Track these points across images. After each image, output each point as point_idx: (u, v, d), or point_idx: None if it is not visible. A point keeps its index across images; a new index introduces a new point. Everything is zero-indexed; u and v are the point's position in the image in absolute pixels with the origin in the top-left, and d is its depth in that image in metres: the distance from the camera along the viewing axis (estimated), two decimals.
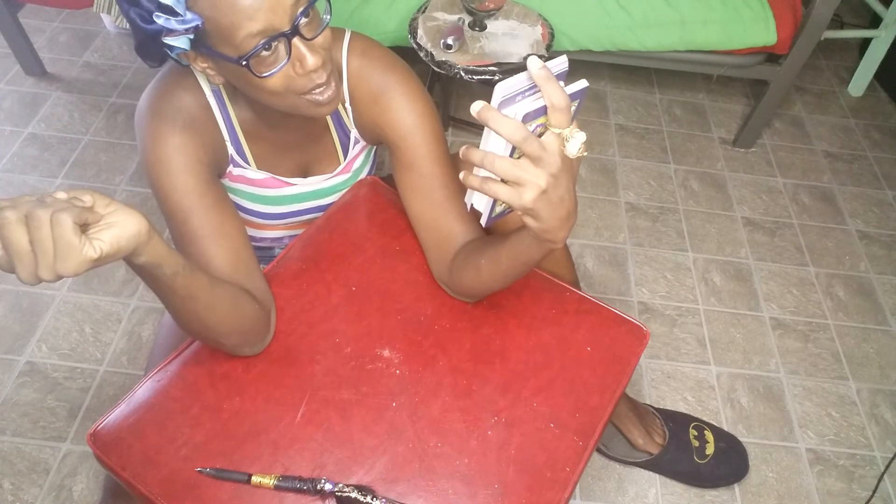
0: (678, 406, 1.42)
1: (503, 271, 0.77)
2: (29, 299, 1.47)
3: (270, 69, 0.68)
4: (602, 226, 1.78)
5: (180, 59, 0.72)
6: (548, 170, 0.59)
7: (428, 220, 0.88)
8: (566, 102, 0.57)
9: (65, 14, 2.23)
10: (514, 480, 0.75)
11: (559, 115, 0.58)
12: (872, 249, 1.79)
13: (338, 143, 0.94)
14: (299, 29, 0.67)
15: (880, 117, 2.21)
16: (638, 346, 0.89)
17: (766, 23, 1.74)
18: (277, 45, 0.67)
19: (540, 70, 0.56)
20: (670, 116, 2.13)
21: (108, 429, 0.76)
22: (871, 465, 1.37)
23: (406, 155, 0.86)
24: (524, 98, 0.59)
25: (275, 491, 0.72)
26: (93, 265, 0.52)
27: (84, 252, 0.51)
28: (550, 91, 0.57)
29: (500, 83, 0.57)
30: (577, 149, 0.59)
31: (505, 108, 0.59)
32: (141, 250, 0.57)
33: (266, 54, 0.67)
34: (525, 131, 0.57)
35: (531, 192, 0.60)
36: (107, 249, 0.53)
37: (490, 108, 0.57)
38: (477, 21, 1.60)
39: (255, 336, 0.80)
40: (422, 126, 0.85)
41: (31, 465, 1.23)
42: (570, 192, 0.63)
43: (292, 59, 0.68)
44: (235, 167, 0.88)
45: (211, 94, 0.81)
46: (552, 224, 0.63)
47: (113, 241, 0.53)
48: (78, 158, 1.78)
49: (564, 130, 0.59)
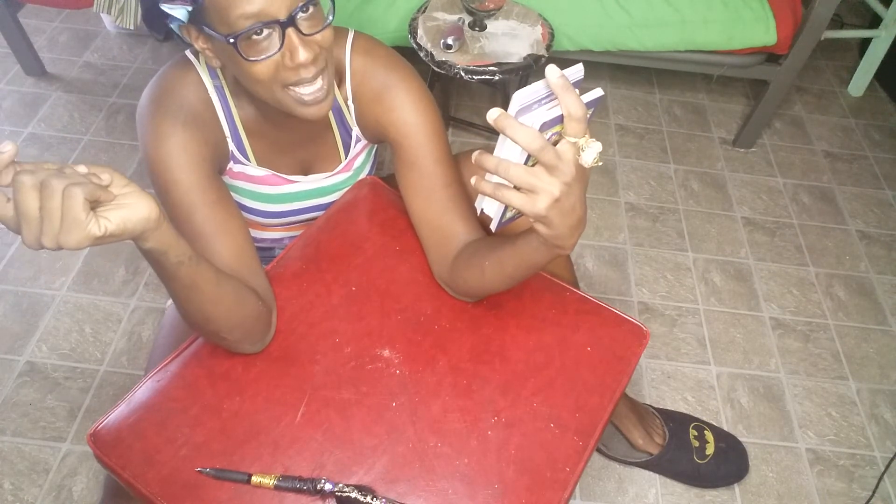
0: (678, 406, 1.42)
1: (508, 273, 0.77)
2: (29, 299, 1.47)
3: (260, 55, 0.68)
4: (602, 226, 1.78)
5: (182, 34, 0.72)
6: (562, 178, 0.59)
7: (429, 219, 0.88)
8: (583, 112, 0.58)
9: (65, 14, 2.23)
10: (514, 480, 0.75)
11: (575, 125, 0.58)
12: (872, 249, 1.79)
13: (339, 141, 0.94)
14: (296, 21, 0.67)
15: (880, 117, 2.21)
16: (638, 346, 0.89)
17: (766, 23, 1.74)
18: (272, 33, 0.67)
19: (558, 79, 0.56)
20: (670, 116, 2.13)
21: (108, 429, 0.76)
22: (871, 465, 1.37)
23: (408, 153, 0.86)
24: (541, 106, 0.59)
25: (275, 491, 0.72)
26: (95, 242, 0.53)
27: (88, 228, 0.52)
28: (568, 100, 0.57)
29: (518, 91, 0.58)
30: (592, 158, 0.60)
31: (522, 116, 0.59)
32: (148, 236, 0.58)
33: (258, 39, 0.67)
34: (543, 140, 0.58)
35: (545, 201, 0.60)
36: (111, 229, 0.54)
37: (507, 116, 0.58)
38: (477, 21, 1.60)
39: (258, 332, 0.80)
40: (424, 125, 0.86)
41: (31, 465, 1.23)
42: (581, 201, 0.63)
43: (284, 49, 0.68)
44: (236, 164, 0.88)
45: (213, 90, 0.81)
46: (563, 231, 0.63)
47: (119, 223, 0.55)
48: (78, 158, 1.78)
49: (580, 140, 0.59)
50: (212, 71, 0.82)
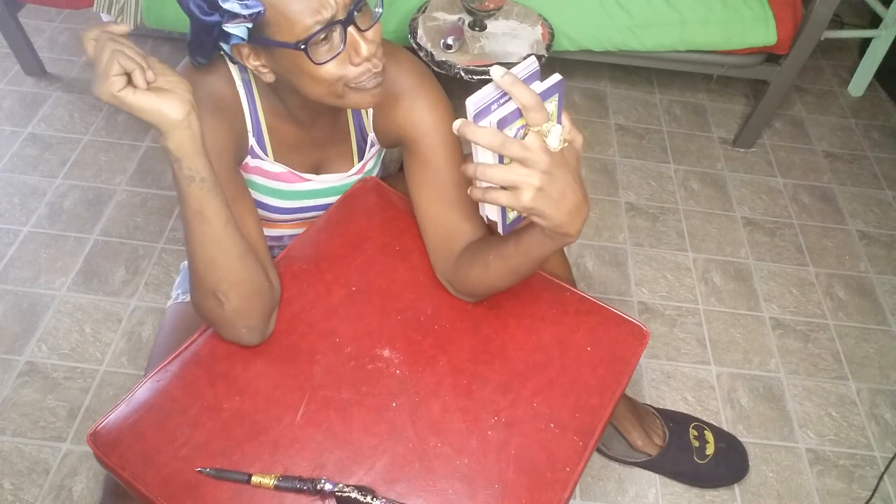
0: (678, 406, 1.42)
1: (512, 267, 0.78)
2: (29, 299, 1.47)
3: (326, 57, 0.70)
4: (602, 226, 1.78)
5: (233, 54, 0.73)
6: (537, 167, 0.61)
7: (437, 214, 0.89)
8: (536, 101, 0.60)
9: (65, 14, 2.23)
10: (514, 480, 0.75)
11: (533, 114, 0.60)
12: (872, 249, 1.79)
13: (355, 144, 0.95)
14: (354, 19, 0.69)
15: (880, 117, 2.21)
16: (638, 346, 0.89)
17: (766, 23, 1.74)
18: (332, 34, 0.69)
19: (504, 77, 0.59)
20: (670, 116, 2.13)
21: (108, 429, 0.76)
22: (871, 465, 1.37)
23: (423, 152, 0.88)
24: (499, 107, 0.61)
25: (275, 491, 0.72)
26: (113, 101, 0.61)
27: (110, 85, 0.60)
28: (518, 93, 0.59)
29: (469, 98, 0.60)
30: (557, 141, 0.62)
31: (480, 119, 0.61)
32: (166, 133, 0.64)
33: (323, 41, 0.69)
34: (501, 136, 0.60)
35: (527, 192, 0.61)
36: (129, 99, 0.61)
37: (467, 123, 0.60)
38: (477, 21, 1.60)
39: (257, 310, 0.79)
40: (440, 128, 0.88)
41: (31, 465, 1.23)
42: (571, 186, 0.64)
43: (347, 46, 0.70)
44: (253, 158, 0.89)
45: (241, 83, 0.83)
46: (561, 219, 0.64)
47: (135, 101, 0.62)
48: (78, 158, 1.78)
49: (542, 127, 0.61)
50: (241, 66, 0.83)
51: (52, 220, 1.63)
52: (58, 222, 1.63)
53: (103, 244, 1.60)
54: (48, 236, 1.60)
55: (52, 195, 1.69)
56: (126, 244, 1.60)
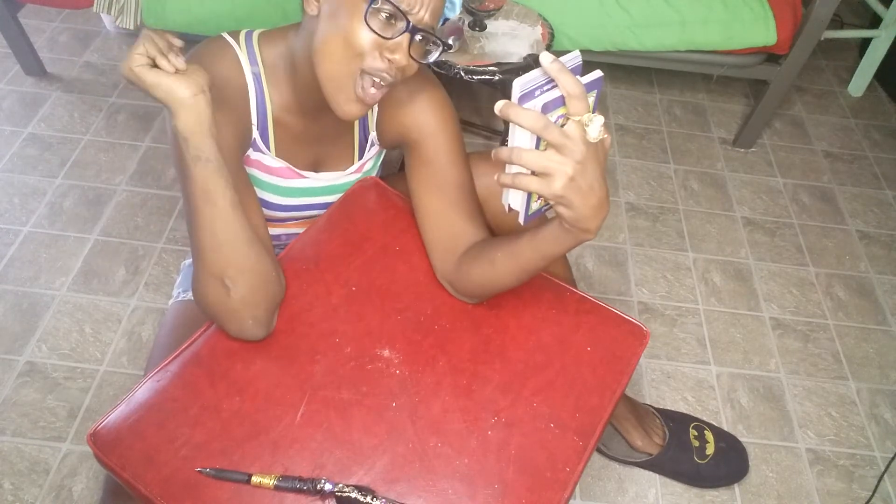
0: (678, 406, 1.42)
1: (521, 266, 0.78)
2: (29, 299, 1.47)
3: (376, 27, 0.72)
4: (602, 226, 1.77)
5: None
6: (573, 157, 0.62)
7: (438, 214, 0.89)
8: (580, 90, 0.61)
9: (65, 14, 2.23)
10: (514, 480, 0.75)
11: (576, 103, 0.61)
12: (872, 249, 1.79)
13: (356, 143, 0.96)
14: (415, 34, 0.74)
15: (880, 117, 2.21)
16: (638, 346, 0.89)
17: (766, 23, 1.74)
18: (396, 23, 0.73)
19: (552, 63, 0.60)
20: (670, 116, 2.13)
21: (107, 429, 0.76)
22: (871, 465, 1.37)
23: (426, 152, 0.89)
24: (543, 92, 0.63)
25: (275, 491, 0.72)
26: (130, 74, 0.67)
27: (131, 63, 0.67)
28: (564, 80, 0.60)
29: (516, 80, 0.61)
30: (597, 131, 0.62)
31: (524, 102, 0.62)
32: (176, 112, 0.68)
33: (385, 15, 0.72)
34: (545, 119, 0.61)
35: (560, 180, 0.62)
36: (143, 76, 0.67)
37: (511, 104, 0.61)
38: (477, 21, 1.60)
39: (263, 301, 0.78)
40: (444, 129, 0.89)
41: (31, 465, 1.23)
42: (599, 181, 0.65)
43: (392, 41, 0.73)
44: (255, 152, 0.89)
45: (251, 76, 0.83)
46: (585, 212, 0.65)
47: (150, 77, 0.67)
48: (78, 158, 1.78)
49: (583, 116, 0.62)
50: (252, 57, 0.84)
51: (52, 220, 1.63)
52: (58, 222, 1.63)
53: (103, 244, 1.60)
54: (48, 236, 1.60)
55: (52, 195, 1.69)
56: (126, 244, 1.60)
